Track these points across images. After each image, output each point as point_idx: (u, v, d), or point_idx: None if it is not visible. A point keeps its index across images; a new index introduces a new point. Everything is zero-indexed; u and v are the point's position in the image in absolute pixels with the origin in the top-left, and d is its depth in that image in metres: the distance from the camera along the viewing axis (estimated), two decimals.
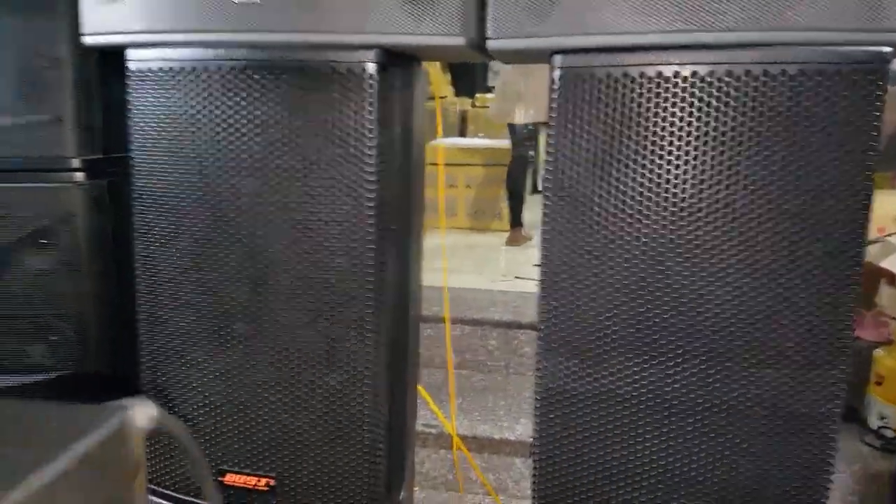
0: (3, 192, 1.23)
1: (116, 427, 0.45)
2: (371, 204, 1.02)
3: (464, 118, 6.13)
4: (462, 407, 2.23)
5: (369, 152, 1.01)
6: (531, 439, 1.94)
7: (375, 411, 1.07)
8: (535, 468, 1.06)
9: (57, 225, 1.25)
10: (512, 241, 3.99)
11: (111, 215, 1.29)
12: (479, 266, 3.50)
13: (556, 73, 0.94)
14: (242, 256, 1.08)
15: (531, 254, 3.72)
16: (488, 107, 6.33)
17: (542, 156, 4.52)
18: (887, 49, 0.83)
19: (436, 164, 1.96)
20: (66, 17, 1.18)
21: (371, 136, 1.00)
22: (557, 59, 0.94)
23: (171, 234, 1.11)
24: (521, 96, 3.58)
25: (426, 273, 1.32)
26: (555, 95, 0.95)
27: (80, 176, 1.25)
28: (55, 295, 1.28)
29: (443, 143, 3.22)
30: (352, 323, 1.05)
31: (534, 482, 1.06)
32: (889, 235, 2.11)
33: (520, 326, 2.51)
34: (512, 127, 3.85)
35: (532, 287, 3.13)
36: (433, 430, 2.01)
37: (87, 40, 1.13)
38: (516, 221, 4.02)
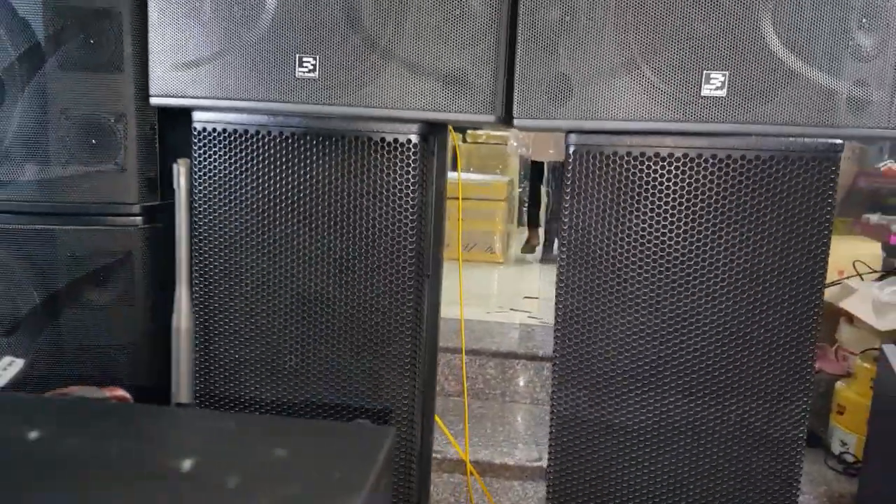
0: (71, 233, 1.43)
1: (390, 443, 0.65)
2: (411, 253, 1.24)
3: (455, 153, 6.42)
4: (463, 433, 2.43)
5: (411, 209, 1.23)
6: (529, 464, 2.15)
7: (411, 438, 1.27)
8: (549, 489, 1.27)
9: (116, 264, 1.45)
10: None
11: (165, 253, 1.49)
12: (473, 297, 3.72)
13: (571, 149, 1.17)
14: (295, 297, 1.29)
15: (523, 287, 3.96)
16: (479, 143, 6.68)
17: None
18: (839, 141, 1.08)
19: (455, 198, 2.17)
20: (132, 76, 1.39)
21: (413, 195, 1.22)
22: (572, 137, 1.18)
23: (228, 275, 1.32)
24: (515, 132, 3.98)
25: None
26: (569, 167, 1.18)
27: (139, 220, 1.45)
28: (111, 326, 1.47)
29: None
30: (393, 359, 1.26)
31: (548, 501, 1.27)
32: (848, 278, 2.38)
33: (515, 357, 2.73)
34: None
35: (525, 319, 3.32)
36: (437, 455, 2.21)
37: (156, 101, 1.33)
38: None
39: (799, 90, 1.06)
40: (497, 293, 3.76)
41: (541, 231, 4.91)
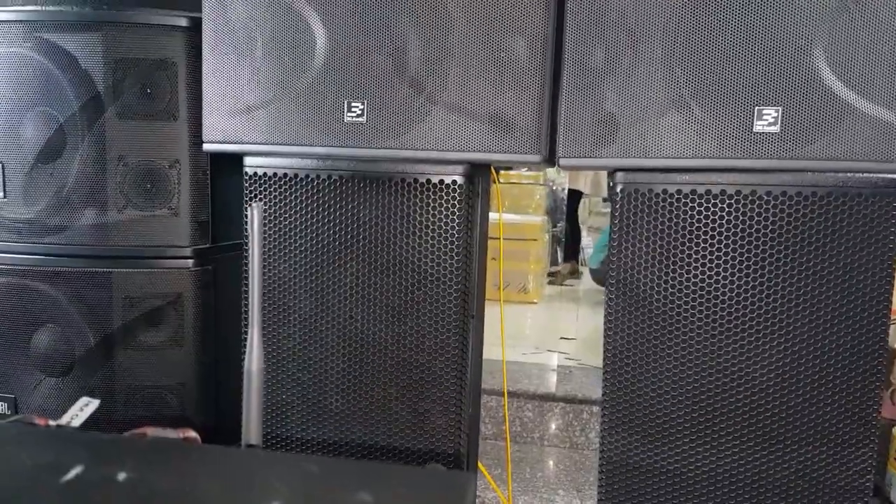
0: (125, 276, 1.40)
1: (474, 489, 0.60)
2: (457, 294, 1.17)
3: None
4: (501, 478, 2.33)
5: (457, 250, 1.17)
6: None
7: None
8: None
9: (168, 306, 1.41)
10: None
11: (214, 295, 1.45)
12: (508, 338, 3.63)
13: (619, 188, 1.11)
14: (342, 338, 1.23)
15: (560, 328, 3.86)
16: (512, 182, 6.67)
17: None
18: None
19: (496, 238, 2.11)
20: (187, 124, 1.38)
21: (459, 235, 1.17)
22: (619, 175, 1.12)
23: (277, 316, 1.27)
24: None
25: None
26: (616, 206, 1.12)
27: (190, 263, 1.42)
28: (161, 367, 1.43)
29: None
30: (438, 400, 1.19)
31: None
32: None
33: (553, 399, 2.62)
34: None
35: (563, 360, 3.20)
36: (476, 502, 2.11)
37: (209, 147, 1.30)
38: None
39: (856, 124, 0.99)
40: (533, 333, 3.66)
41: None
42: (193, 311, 1.43)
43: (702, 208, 1.08)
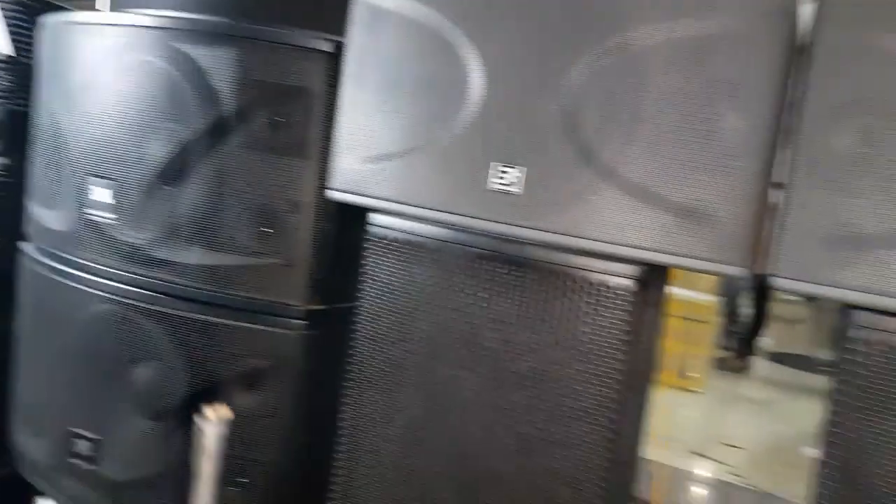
0: (225, 328, 1.26)
1: None
2: (611, 433, 0.92)
3: None
4: None
5: (615, 375, 0.92)
6: None
7: None
8: None
9: (269, 369, 1.26)
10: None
11: (320, 364, 1.29)
12: (662, 433, 3.23)
13: (861, 334, 0.81)
14: (453, 457, 1.01)
15: (723, 430, 3.34)
16: None
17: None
18: None
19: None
20: (315, 164, 1.22)
21: (620, 357, 0.92)
22: (861, 317, 0.81)
23: (381, 410, 1.08)
24: None
25: None
26: (857, 364, 0.81)
27: (301, 324, 1.26)
28: (253, 438, 1.28)
29: None
30: None
31: None
32: None
33: None
34: None
35: (723, 472, 2.69)
36: None
37: (333, 194, 1.14)
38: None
39: None
40: (688, 431, 3.22)
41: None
42: (297, 379, 1.27)
43: None
